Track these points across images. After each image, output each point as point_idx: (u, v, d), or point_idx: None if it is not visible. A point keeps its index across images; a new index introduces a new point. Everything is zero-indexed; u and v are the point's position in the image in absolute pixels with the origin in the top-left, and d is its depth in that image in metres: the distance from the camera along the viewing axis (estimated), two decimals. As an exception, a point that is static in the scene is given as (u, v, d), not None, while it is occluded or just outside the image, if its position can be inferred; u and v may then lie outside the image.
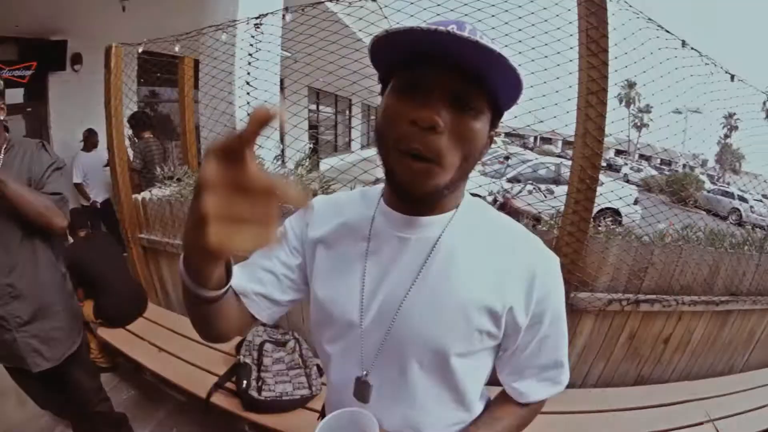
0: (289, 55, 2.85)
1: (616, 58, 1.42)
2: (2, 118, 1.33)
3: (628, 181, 13.07)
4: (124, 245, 2.52)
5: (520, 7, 1.53)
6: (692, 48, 1.62)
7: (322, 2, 1.91)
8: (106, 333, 2.28)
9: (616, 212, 5.09)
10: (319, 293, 0.60)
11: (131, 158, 3.30)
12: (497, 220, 0.60)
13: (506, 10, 1.51)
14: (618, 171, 18.36)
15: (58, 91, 4.07)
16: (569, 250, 1.51)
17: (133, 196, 2.45)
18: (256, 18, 2.03)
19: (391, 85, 0.50)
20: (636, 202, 5.42)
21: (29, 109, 4.00)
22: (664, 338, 1.77)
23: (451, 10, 1.59)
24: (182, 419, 2.06)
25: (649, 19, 1.54)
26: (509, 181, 5.09)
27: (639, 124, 31.68)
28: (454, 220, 0.56)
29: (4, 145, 1.32)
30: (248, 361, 1.72)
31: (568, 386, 0.64)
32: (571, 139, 1.47)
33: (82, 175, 3.87)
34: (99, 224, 3.95)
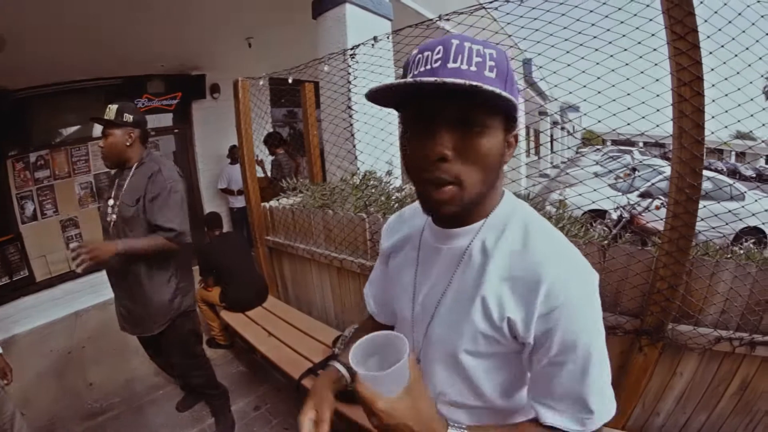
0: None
1: (732, 40, 1.18)
2: (128, 144, 1.73)
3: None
4: (252, 244, 3.11)
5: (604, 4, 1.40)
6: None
7: (433, 21, 2.02)
8: (227, 316, 2.79)
9: (760, 232, 4.42)
10: (389, 293, 0.80)
11: (268, 171, 4.16)
12: (530, 225, 0.60)
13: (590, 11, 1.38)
14: (769, 182, 15.62)
15: (200, 115, 5.19)
16: (667, 273, 1.39)
17: (262, 204, 3.01)
18: (352, 49, 2.33)
19: (399, 119, 0.58)
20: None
21: (176, 130, 5.14)
22: (788, 393, 1.46)
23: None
24: (278, 396, 2.49)
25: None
26: (641, 195, 4.77)
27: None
28: (483, 228, 0.62)
29: (138, 161, 1.78)
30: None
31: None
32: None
33: (226, 182, 5.10)
34: (242, 225, 4.99)
